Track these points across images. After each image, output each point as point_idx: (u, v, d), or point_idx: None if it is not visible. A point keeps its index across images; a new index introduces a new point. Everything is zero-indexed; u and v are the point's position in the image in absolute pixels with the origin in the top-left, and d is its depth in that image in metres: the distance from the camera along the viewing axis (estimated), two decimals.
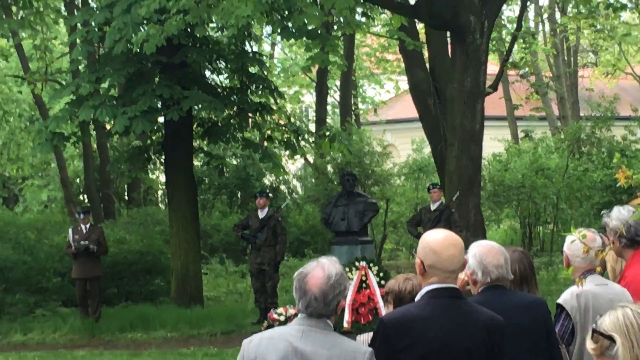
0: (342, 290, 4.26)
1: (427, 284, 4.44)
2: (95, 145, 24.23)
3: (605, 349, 3.02)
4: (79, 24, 17.75)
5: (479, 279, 5.12)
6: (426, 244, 4.39)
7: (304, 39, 16.31)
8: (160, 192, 24.81)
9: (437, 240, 4.41)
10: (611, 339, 2.99)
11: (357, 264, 13.54)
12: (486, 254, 5.12)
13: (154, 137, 17.77)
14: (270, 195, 18.28)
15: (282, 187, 25.05)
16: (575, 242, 5.62)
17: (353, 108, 29.46)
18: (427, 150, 21.28)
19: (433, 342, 4.28)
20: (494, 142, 23.94)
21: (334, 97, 29.83)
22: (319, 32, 15.80)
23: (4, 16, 17.07)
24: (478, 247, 5.19)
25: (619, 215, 5.90)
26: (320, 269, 4.16)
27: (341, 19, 15.84)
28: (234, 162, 22.38)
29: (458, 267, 4.47)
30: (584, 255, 5.58)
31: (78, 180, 27.08)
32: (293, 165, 25.54)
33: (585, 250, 5.36)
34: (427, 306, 4.44)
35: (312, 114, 30.04)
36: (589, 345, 3.12)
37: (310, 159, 25.39)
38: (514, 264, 5.37)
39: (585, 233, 5.54)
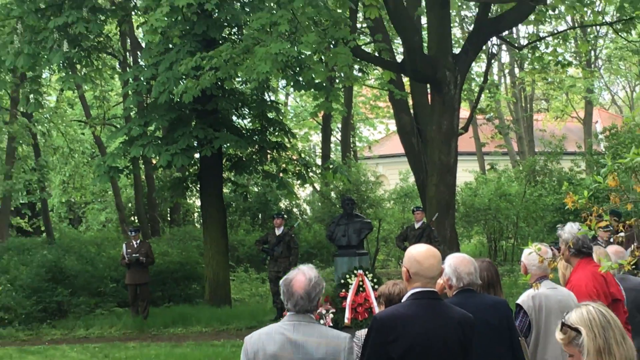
0: (321, 289, 4.71)
1: (412, 287, 4.85)
2: (143, 177, 25.94)
3: (572, 339, 3.35)
4: (130, 79, 18.84)
5: (454, 284, 5.61)
6: (411, 255, 4.82)
7: (312, 90, 17.54)
8: (196, 214, 26.88)
9: (420, 252, 4.82)
10: (577, 331, 3.33)
11: (355, 271, 14.59)
12: (459, 264, 5.61)
13: (191, 170, 19.06)
14: (285, 216, 19.21)
15: (295, 210, 26.65)
16: (532, 254, 6.16)
17: (351, 146, 31.70)
18: (412, 179, 22.85)
19: (417, 336, 4.71)
20: (466, 173, 25.83)
21: (336, 136, 32.06)
22: (324, 84, 16.79)
23: (70, 72, 18.37)
24: (453, 258, 5.68)
25: (570, 230, 6.45)
26: (302, 275, 4.65)
27: (342, 74, 16.53)
28: (256, 189, 23.93)
29: (437, 274, 4.92)
30: (538, 265, 6.13)
31: (130, 204, 28.94)
32: (303, 192, 27.02)
33: (540, 260, 5.94)
34: (412, 306, 4.88)
35: (318, 151, 32.51)
36: (558, 336, 3.46)
37: (317, 187, 26.75)
38: (482, 272, 5.85)
39: (539, 246, 6.04)
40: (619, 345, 3.27)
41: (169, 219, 28.69)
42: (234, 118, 19.23)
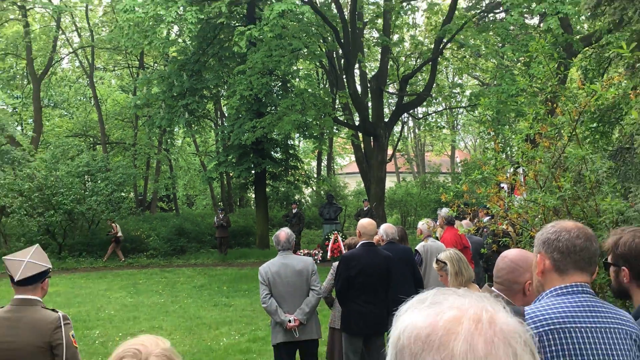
0: (293, 238, 6.21)
1: (361, 240, 6.20)
2: (225, 182, 32.33)
3: (442, 267, 4.38)
4: (219, 132, 25.09)
5: (384, 239, 7.06)
6: (360, 224, 6.22)
7: (312, 139, 25.19)
8: (252, 201, 31.78)
9: (364, 222, 6.24)
10: (444, 263, 4.26)
11: (333, 232, 20.06)
12: (387, 228, 7.17)
13: (249, 179, 24.90)
14: (297, 203, 25.30)
15: (303, 200, 31.85)
16: (423, 224, 8.01)
17: (332, 167, 39.11)
18: (362, 185, 27.25)
19: (363, 264, 6.03)
20: (390, 182, 31.06)
21: (324, 162, 37.71)
22: (318, 136, 24.11)
23: (188, 128, 25.25)
24: (384, 225, 7.26)
25: (444, 211, 8.40)
26: (283, 231, 6.22)
27: (327, 131, 23.06)
28: (282, 189, 28.64)
29: (373, 234, 6.31)
30: (427, 229, 7.91)
31: (218, 196, 34.77)
32: (307, 191, 31.77)
33: (428, 227, 7.88)
34: (361, 250, 6.17)
35: (315, 170, 37.71)
36: (435, 266, 4.49)
37: (314, 188, 32.23)
38: (399, 232, 7.35)
39: (427, 220, 8.17)
40: (466, 270, 4.24)
41: (238, 203, 34.36)
42: (272, 153, 24.57)
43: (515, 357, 0.92)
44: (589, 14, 9.97)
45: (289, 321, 5.94)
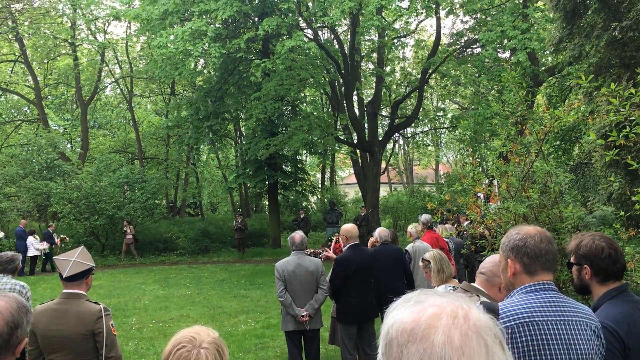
0: (306, 239, 6.12)
1: (348, 243, 6.29)
2: (243, 191, 32.48)
3: (426, 265, 4.38)
4: (239, 149, 26.01)
5: (379, 240, 7.14)
6: (344, 229, 6.33)
7: (317, 155, 24.38)
8: (266, 207, 30.80)
9: (348, 227, 6.38)
10: (428, 261, 4.26)
11: (335, 234, 19.66)
12: (381, 231, 7.16)
13: (264, 189, 24.09)
14: (305, 209, 25.31)
15: (309, 207, 31.40)
16: (412, 227, 7.92)
17: (334, 178, 38.14)
18: (360, 194, 27.51)
19: (358, 264, 6.10)
20: (383, 192, 30.71)
21: (327, 174, 37.14)
22: (322, 152, 23.64)
23: (212, 146, 25.59)
24: (378, 229, 7.22)
25: (424, 217, 8.44)
26: (298, 234, 6.11)
27: (330, 148, 22.67)
28: (292, 197, 28.15)
29: (357, 236, 6.32)
30: (415, 232, 7.81)
31: (237, 203, 35.01)
32: (312, 198, 31.46)
33: (415, 230, 7.82)
34: (352, 251, 6.16)
35: (319, 181, 37.55)
36: (421, 264, 4.53)
37: (319, 196, 32.01)
38: (391, 235, 7.31)
39: (415, 224, 8.06)
40: (447, 268, 4.26)
41: (254, 209, 34.24)
42: (283, 166, 24.45)
43: (487, 348, 0.95)
44: (552, 49, 9.96)
45: (302, 315, 5.94)
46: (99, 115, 34.56)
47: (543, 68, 18.47)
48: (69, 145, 32.37)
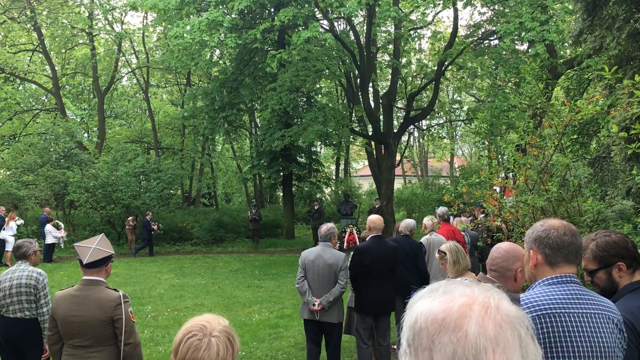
0: (333, 231, 6.10)
1: (370, 233, 6.23)
2: (257, 182, 32.30)
3: (442, 257, 4.31)
4: (254, 140, 25.50)
5: (401, 231, 7.22)
6: (370, 219, 6.25)
7: (332, 146, 24.53)
8: (280, 199, 31.79)
9: (374, 218, 6.28)
10: (445, 253, 4.22)
11: (349, 225, 19.32)
12: (404, 223, 7.30)
13: (279, 180, 23.90)
14: (319, 201, 24.59)
15: (323, 198, 30.40)
16: (428, 219, 7.94)
17: (348, 170, 37.51)
18: (374, 186, 27.29)
19: (376, 255, 6.07)
20: (398, 184, 31.13)
21: (341, 166, 36.72)
22: (337, 144, 23.73)
23: (227, 137, 26.94)
24: (406, 220, 7.32)
25: (441, 209, 8.29)
26: (325, 225, 6.20)
27: (344, 140, 22.24)
28: (306, 188, 28.29)
29: (381, 228, 6.31)
30: (430, 224, 7.86)
31: (251, 194, 34.95)
32: (327, 190, 31.59)
33: (431, 222, 7.85)
34: (372, 242, 6.17)
35: (334, 172, 37.42)
36: (437, 255, 4.42)
37: (333, 188, 32.42)
38: (409, 226, 7.25)
39: (431, 217, 8.09)
40: (463, 260, 4.22)
41: (268, 200, 34.58)
42: (298, 158, 24.56)
43: (520, 339, 0.93)
44: (572, 41, 9.83)
45: (313, 304, 5.92)
46: (115, 105, 34.77)
47: (561, 60, 18.24)
48: (85, 135, 32.62)
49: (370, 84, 22.31)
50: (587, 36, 8.99)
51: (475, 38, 21.24)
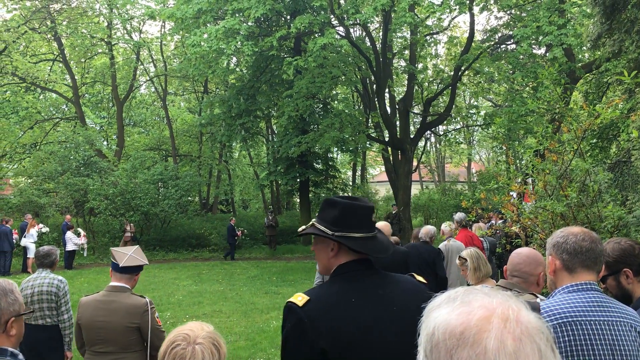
0: None
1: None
2: (274, 189, 32.19)
3: (463, 263, 4.35)
4: (270, 146, 25.93)
5: (421, 239, 7.30)
6: (381, 227, 4.94)
7: (349, 152, 24.85)
8: (297, 204, 31.34)
9: (380, 224, 5.26)
10: (465, 259, 4.27)
11: None
12: (424, 231, 7.32)
13: (295, 186, 24.40)
14: None
15: None
16: (446, 225, 7.94)
17: (365, 176, 37.60)
18: (391, 192, 26.78)
19: (389, 261, 5.57)
20: (415, 190, 30.31)
21: (358, 172, 36.62)
22: (353, 150, 23.89)
23: (243, 143, 26.43)
24: (426, 227, 7.34)
25: (459, 215, 8.33)
26: None
27: (361, 146, 22.76)
28: (323, 195, 28.17)
29: (390, 234, 5.97)
30: (448, 230, 7.83)
31: (268, 200, 34.81)
32: None
33: (450, 228, 7.84)
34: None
35: (350, 179, 37.42)
36: (457, 262, 4.43)
37: (349, 194, 31.33)
38: (429, 233, 7.30)
39: (449, 223, 8.03)
40: (484, 266, 4.21)
41: (285, 207, 34.42)
42: (314, 164, 24.86)
43: (540, 353, 0.91)
44: (590, 45, 9.75)
45: None
46: (134, 113, 35.13)
47: (580, 64, 18.09)
48: (105, 143, 33.01)
49: (387, 90, 22.31)
50: (605, 40, 8.90)
51: (492, 42, 21.16)
